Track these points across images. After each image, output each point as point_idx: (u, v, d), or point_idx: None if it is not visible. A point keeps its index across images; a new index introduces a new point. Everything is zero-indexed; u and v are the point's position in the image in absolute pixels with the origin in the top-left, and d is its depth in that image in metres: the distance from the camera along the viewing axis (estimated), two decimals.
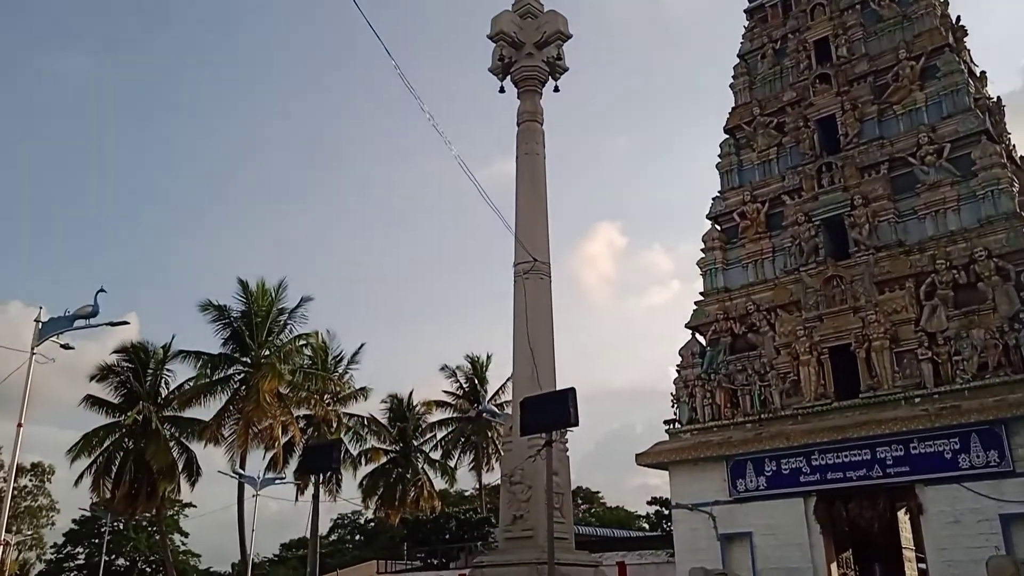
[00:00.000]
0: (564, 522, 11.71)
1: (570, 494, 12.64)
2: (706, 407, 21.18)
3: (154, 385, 41.79)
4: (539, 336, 12.00)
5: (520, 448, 11.69)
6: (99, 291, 15.87)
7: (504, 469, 12.36)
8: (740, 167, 23.57)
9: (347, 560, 50.87)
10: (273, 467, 39.74)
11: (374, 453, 46.06)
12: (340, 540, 65.79)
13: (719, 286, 22.47)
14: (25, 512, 59.23)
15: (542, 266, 12.41)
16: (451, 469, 48.45)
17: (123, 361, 41.60)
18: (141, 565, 62.84)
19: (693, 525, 20.21)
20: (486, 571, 11.78)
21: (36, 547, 63.08)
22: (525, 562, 10.96)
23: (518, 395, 11.78)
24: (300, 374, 41.65)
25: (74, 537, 63.17)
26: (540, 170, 12.90)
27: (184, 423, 41.39)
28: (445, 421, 48.94)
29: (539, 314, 12.17)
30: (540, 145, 13.00)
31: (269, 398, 38.50)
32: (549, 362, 12.15)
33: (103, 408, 40.90)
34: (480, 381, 48.66)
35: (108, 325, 16.68)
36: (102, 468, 40.08)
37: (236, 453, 39.23)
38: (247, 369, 40.37)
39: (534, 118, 13.09)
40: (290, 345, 42.10)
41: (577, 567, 11.50)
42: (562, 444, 11.77)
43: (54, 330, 15.74)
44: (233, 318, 40.71)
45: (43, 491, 61.63)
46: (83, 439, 40.14)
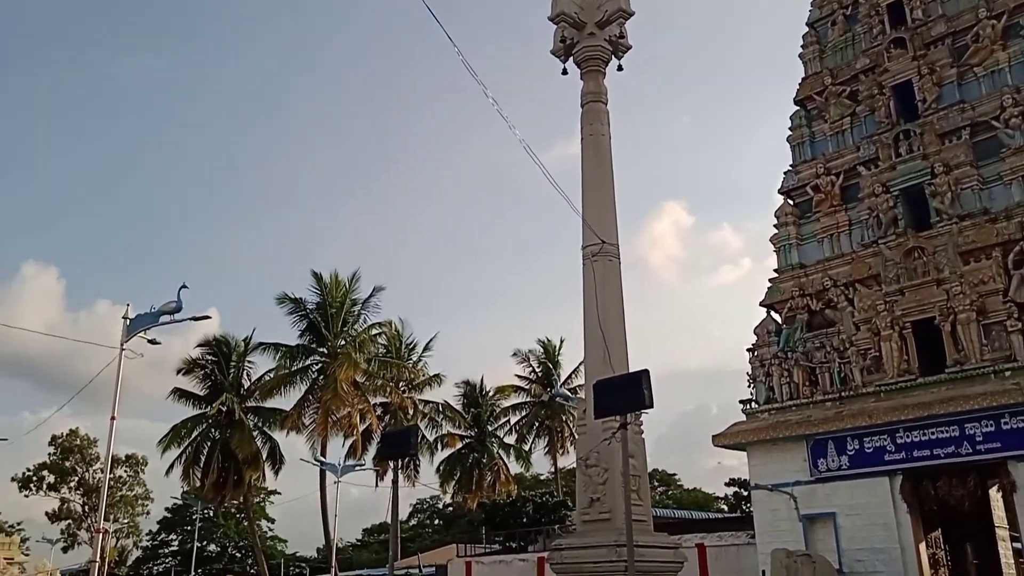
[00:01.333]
0: (642, 504, 11.68)
1: (647, 476, 12.59)
2: (784, 386, 20.72)
3: (237, 377, 43.26)
4: (610, 318, 11.95)
5: (595, 431, 11.68)
6: (182, 287, 16.47)
7: (579, 452, 12.38)
8: (812, 139, 22.89)
9: (427, 544, 51.76)
10: (352, 454, 40.70)
11: (450, 439, 46.71)
12: (420, 524, 67.01)
13: (794, 262, 21.92)
14: (121, 501, 62.02)
15: (610, 248, 12.33)
16: (526, 453, 48.81)
17: (207, 354, 43.16)
18: (231, 551, 65.24)
19: (773, 506, 19.85)
20: (565, 554, 11.83)
21: (133, 534, 66.07)
22: (604, 544, 10.98)
23: (591, 378, 11.77)
24: (375, 363, 42.45)
25: (168, 524, 65.96)
26: (606, 151, 12.80)
27: (266, 413, 42.72)
28: (518, 406, 49.25)
29: (609, 296, 12.11)
30: (605, 126, 12.89)
31: (346, 387, 39.39)
32: (621, 344, 12.09)
33: (190, 400, 42.56)
34: (553, 365, 48.77)
35: (191, 320, 17.33)
36: (191, 458, 41.73)
37: (316, 441, 40.31)
38: (324, 359, 41.36)
39: (598, 98, 12.98)
40: (364, 334, 42.95)
41: (656, 549, 11.46)
42: (637, 426, 11.72)
43: (141, 326, 16.38)
44: (309, 310, 41.74)
45: (138, 481, 64.47)
46: (172, 430, 41.85)
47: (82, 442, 62.79)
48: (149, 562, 67.09)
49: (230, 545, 65.29)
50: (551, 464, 49.70)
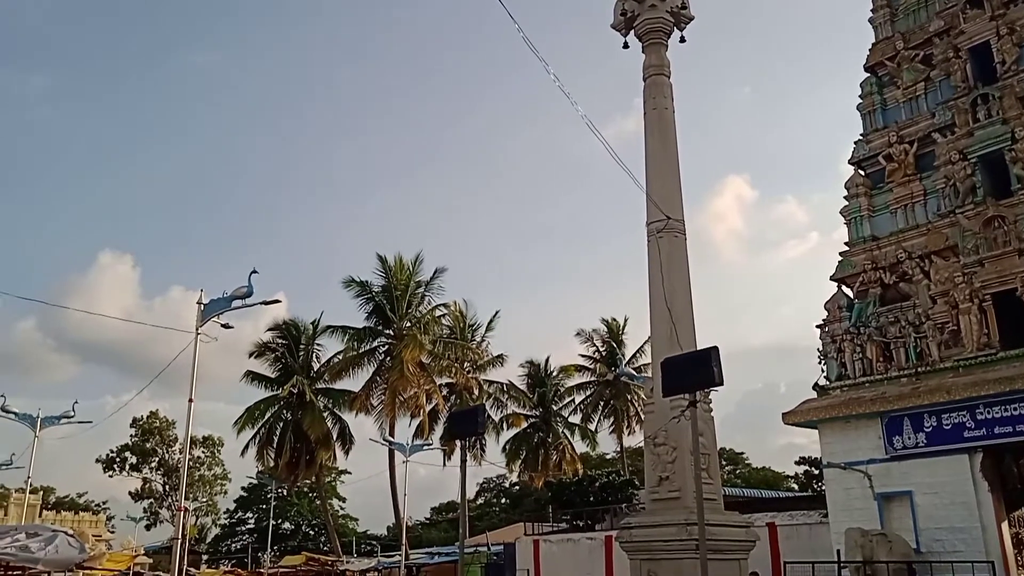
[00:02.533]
0: (712, 483, 11.55)
1: (716, 454, 12.46)
2: (856, 362, 20.20)
3: (306, 359, 44.25)
4: (676, 295, 11.80)
5: (663, 410, 11.58)
6: (252, 272, 16.78)
7: (647, 431, 12.30)
8: (884, 106, 22.11)
9: (494, 523, 52.28)
10: (420, 434, 41.24)
11: (515, 418, 47.00)
12: (487, 503, 67.72)
13: (866, 234, 21.28)
14: (200, 481, 64.35)
15: (676, 224, 12.16)
16: (591, 433, 48.83)
17: (277, 338, 44.27)
18: (305, 528, 67.04)
19: (847, 485, 19.43)
20: (634, 532, 11.80)
21: (211, 513, 68.53)
22: (674, 523, 10.91)
23: (657, 356, 11.66)
24: (440, 344, 42.90)
25: (244, 503, 68.09)
26: (669, 125, 12.59)
27: (335, 394, 43.64)
28: (583, 385, 49.25)
29: (675, 273, 11.96)
30: (668, 99, 12.67)
31: (412, 368, 39.92)
32: (688, 321, 11.94)
33: (262, 383, 43.75)
34: (617, 344, 48.57)
35: (262, 304, 17.65)
36: (264, 439, 42.94)
37: (385, 421, 40.99)
38: (390, 341, 41.97)
39: (661, 71, 12.76)
40: (429, 316, 43.43)
41: (727, 527, 11.34)
42: (706, 404, 11.58)
43: (215, 311, 16.79)
44: (374, 292, 42.36)
45: (216, 461, 66.74)
46: (246, 412, 43.10)
47: (161, 424, 65.25)
48: (227, 539, 69.43)
49: (303, 523, 67.08)
50: (617, 443, 49.72)
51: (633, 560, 11.82)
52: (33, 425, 27.72)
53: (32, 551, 12.42)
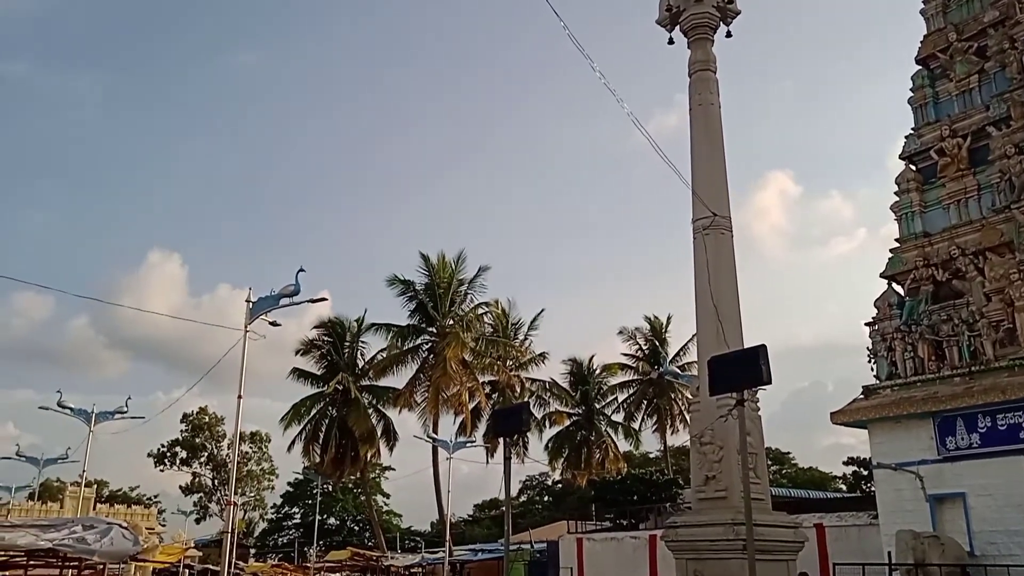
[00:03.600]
0: (759, 482, 11.43)
1: (764, 454, 12.32)
2: (907, 361, 19.79)
3: (351, 357, 44.82)
4: (723, 293, 11.68)
5: (709, 408, 11.48)
6: (299, 271, 17.05)
7: (693, 430, 12.21)
8: (936, 100, 21.61)
9: (537, 520, 52.31)
10: (463, 431, 41.44)
11: (558, 416, 46.97)
12: (530, 501, 67.77)
13: (917, 231, 20.82)
14: (248, 476, 65.45)
15: (722, 221, 12.03)
16: (635, 431, 48.59)
17: (323, 335, 44.88)
18: (350, 524, 67.82)
19: (897, 486, 19.05)
20: (680, 532, 11.72)
21: (259, 507, 69.69)
22: (721, 523, 10.81)
23: (703, 354, 11.56)
24: (483, 341, 43.07)
25: (290, 498, 69.12)
26: (716, 121, 12.46)
27: (379, 391, 44.10)
28: (626, 384, 49.01)
29: (722, 270, 11.84)
30: (715, 95, 12.54)
31: (455, 365, 40.15)
32: (735, 319, 11.81)
33: (308, 379, 44.39)
34: (660, 342, 48.22)
35: (309, 302, 17.91)
36: (310, 435, 43.57)
37: (428, 418, 41.32)
38: (433, 339, 42.25)
39: (707, 67, 12.63)
40: (472, 314, 43.61)
41: (776, 528, 11.21)
42: (753, 403, 11.45)
43: (263, 309, 17.09)
44: (417, 291, 42.67)
45: (264, 456, 67.86)
46: (292, 408, 43.78)
47: (210, 420, 66.51)
48: (274, 533, 70.53)
49: (348, 519, 67.84)
50: (660, 442, 49.33)
51: (679, 560, 11.75)
52: (88, 420, 28.48)
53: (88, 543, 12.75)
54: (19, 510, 46.29)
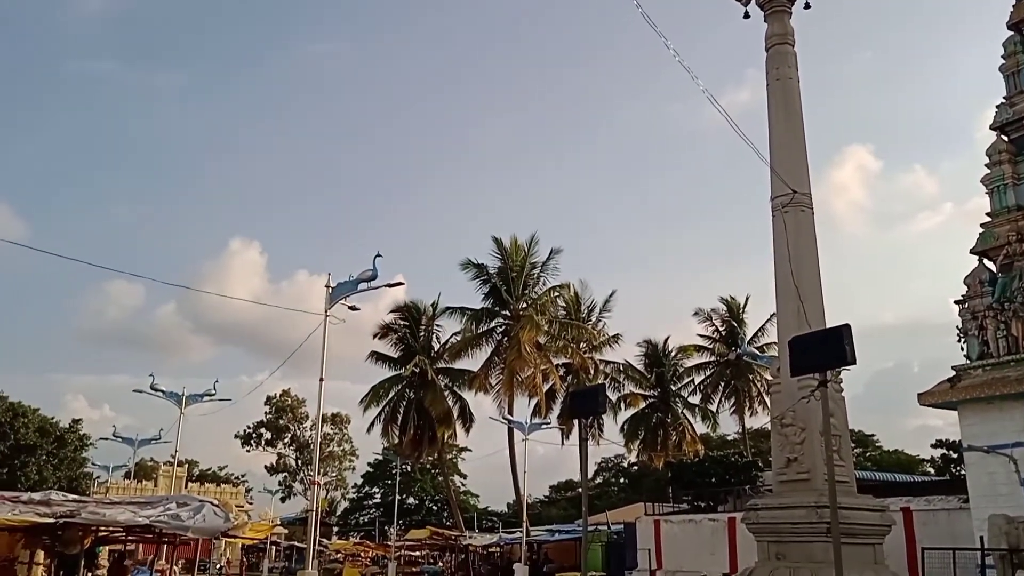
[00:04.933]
0: (843, 464, 11.21)
1: (847, 435, 12.05)
2: (1000, 340, 18.98)
3: (427, 340, 45.45)
4: (804, 271, 11.42)
5: (790, 389, 11.29)
6: (376, 256, 17.39)
7: (774, 412, 12.02)
8: None
9: (613, 502, 52.30)
10: (537, 413, 41.62)
11: (633, 398, 46.73)
12: (605, 483, 67.79)
13: (1009, 204, 19.88)
14: (330, 456, 67.29)
15: (803, 198, 11.74)
16: (712, 413, 47.99)
17: (399, 319, 45.61)
18: (428, 503, 69.09)
19: (990, 469, 18.36)
20: (762, 514, 11.59)
21: (340, 487, 71.65)
22: (803, 505, 10.65)
23: (784, 335, 11.35)
24: (556, 324, 43.09)
25: (370, 478, 70.82)
26: (794, 96, 12.12)
27: (455, 374, 44.64)
28: (702, 365, 48.39)
29: (802, 248, 11.57)
30: (793, 68, 12.20)
31: (529, 348, 40.29)
32: (817, 298, 11.54)
33: (385, 362, 45.21)
34: (737, 323, 47.39)
35: (386, 287, 18.28)
36: (389, 416, 44.45)
37: (503, 400, 41.59)
38: (507, 321, 42.48)
39: (784, 40, 12.29)
40: (545, 297, 43.63)
41: (861, 511, 10.98)
42: (837, 384, 11.21)
43: (342, 294, 17.50)
44: (491, 274, 42.91)
45: (344, 438, 69.65)
46: (371, 391, 44.71)
47: (293, 402, 68.55)
48: (355, 512, 72.40)
49: (427, 498, 69.10)
50: (738, 424, 48.62)
51: (760, 542, 11.62)
52: (179, 402, 29.74)
53: (183, 519, 13.31)
54: (116, 488, 48.82)
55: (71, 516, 12.18)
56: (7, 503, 12.23)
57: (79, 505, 12.93)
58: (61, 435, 50.53)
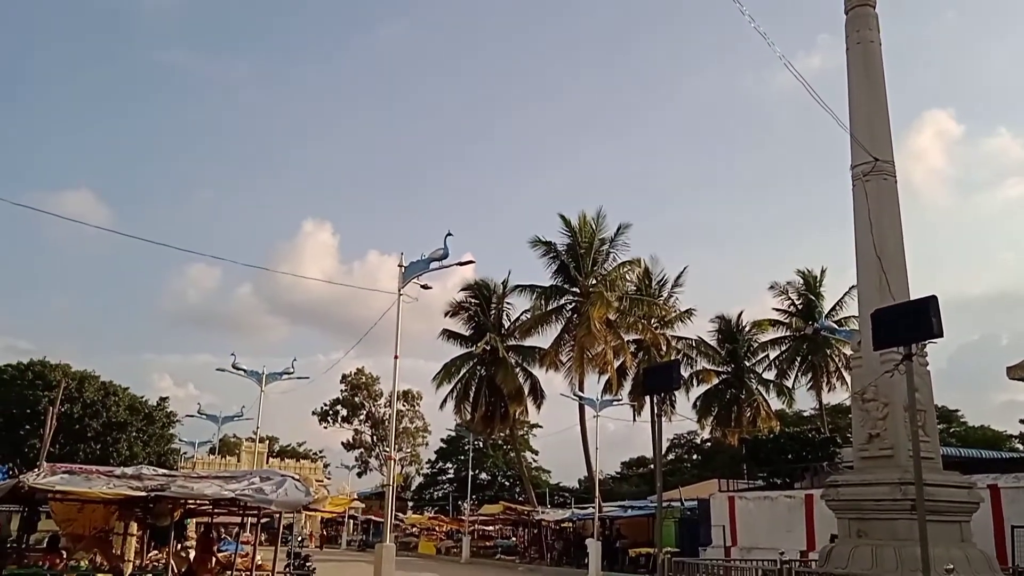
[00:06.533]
0: (928, 440, 10.89)
1: (933, 411, 11.69)
2: None
3: (497, 317, 45.79)
4: (887, 242, 11.05)
5: (871, 364, 10.99)
6: (447, 235, 17.51)
7: (855, 387, 11.73)
8: None
9: (686, 478, 51.88)
10: (608, 390, 41.52)
11: (705, 375, 46.16)
12: (678, 459, 67.29)
13: None
14: (404, 433, 68.54)
15: (885, 165, 11.34)
16: (788, 389, 47.04)
17: (470, 297, 46.02)
18: (500, 479, 69.80)
19: None
20: (842, 491, 11.36)
21: (415, 463, 72.98)
22: (887, 482, 10.40)
23: (866, 307, 11.03)
24: (626, 300, 42.77)
25: (443, 454, 71.91)
26: (876, 59, 11.68)
27: (525, 351, 44.87)
28: (777, 340, 47.39)
29: (885, 218, 11.19)
30: (875, 31, 11.75)
31: (599, 325, 40.16)
32: (901, 270, 11.17)
33: (457, 340, 45.76)
34: (815, 297, 46.20)
35: (457, 265, 18.40)
36: (461, 393, 45.01)
37: (574, 377, 41.67)
38: (577, 298, 42.41)
39: (866, 2, 11.83)
40: (615, 273, 43.36)
41: (947, 488, 10.66)
42: (922, 358, 10.85)
43: (414, 273, 17.70)
44: (559, 251, 42.82)
45: (417, 414, 70.82)
46: (444, 368, 45.33)
47: (367, 379, 69.93)
48: (429, 488, 73.67)
49: (499, 474, 69.81)
50: (815, 400, 47.57)
51: (841, 519, 11.40)
52: (259, 381, 30.67)
53: (266, 493, 13.66)
54: (202, 463, 50.85)
55: (161, 490, 12.66)
56: (102, 477, 12.76)
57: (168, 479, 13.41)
58: (150, 413, 52.67)
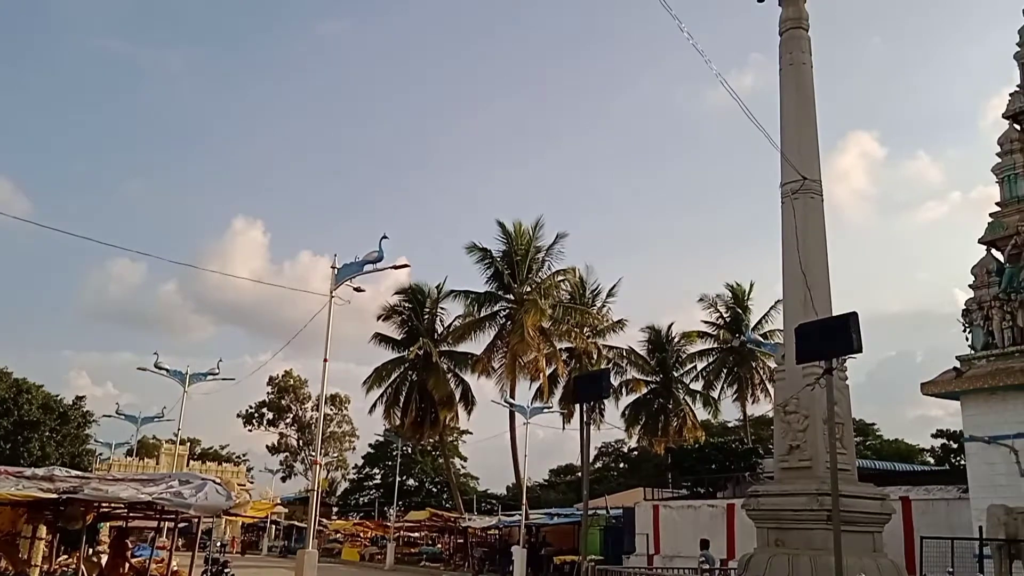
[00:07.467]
0: (845, 453, 11.20)
1: (851, 424, 12.04)
2: (1006, 330, 18.96)
3: (431, 322, 45.50)
4: (812, 259, 11.36)
5: (794, 377, 11.26)
6: (383, 237, 17.35)
7: (777, 399, 12.00)
8: None
9: (612, 487, 52.40)
10: (539, 397, 41.64)
11: (635, 384, 46.72)
12: (605, 467, 67.95)
13: (1020, 193, 19.80)
14: (331, 437, 67.51)
15: (812, 184, 11.66)
16: (714, 400, 47.97)
17: (404, 301, 45.64)
18: (428, 485, 69.33)
19: (990, 459, 18.40)
20: (762, 501, 11.59)
21: (341, 468, 71.90)
22: (805, 492, 10.65)
23: (790, 322, 11.30)
24: (560, 308, 43.00)
25: (371, 459, 71.06)
26: (808, 81, 12.02)
27: (458, 357, 44.69)
28: (705, 352, 48.32)
29: (811, 235, 11.50)
30: (806, 54, 12.09)
31: (532, 332, 40.27)
32: (824, 286, 11.50)
33: (389, 344, 45.29)
34: (742, 310, 47.28)
35: (392, 268, 18.25)
36: (391, 398, 44.58)
37: (505, 384, 41.65)
38: (511, 305, 42.44)
39: (799, 25, 12.17)
40: (549, 281, 43.55)
41: (862, 499, 10.98)
42: (841, 372, 11.17)
43: (347, 275, 17.47)
44: (495, 258, 42.81)
45: (345, 419, 69.84)
46: (375, 372, 44.83)
47: (295, 382, 68.72)
48: (355, 493, 72.70)
49: (427, 480, 69.34)
50: (740, 411, 48.64)
51: (760, 529, 11.63)
52: (183, 381, 29.83)
53: (185, 497, 13.27)
54: (119, 465, 49.12)
55: (74, 492, 12.16)
56: (11, 478, 12.21)
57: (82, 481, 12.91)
58: (64, 412, 50.75)
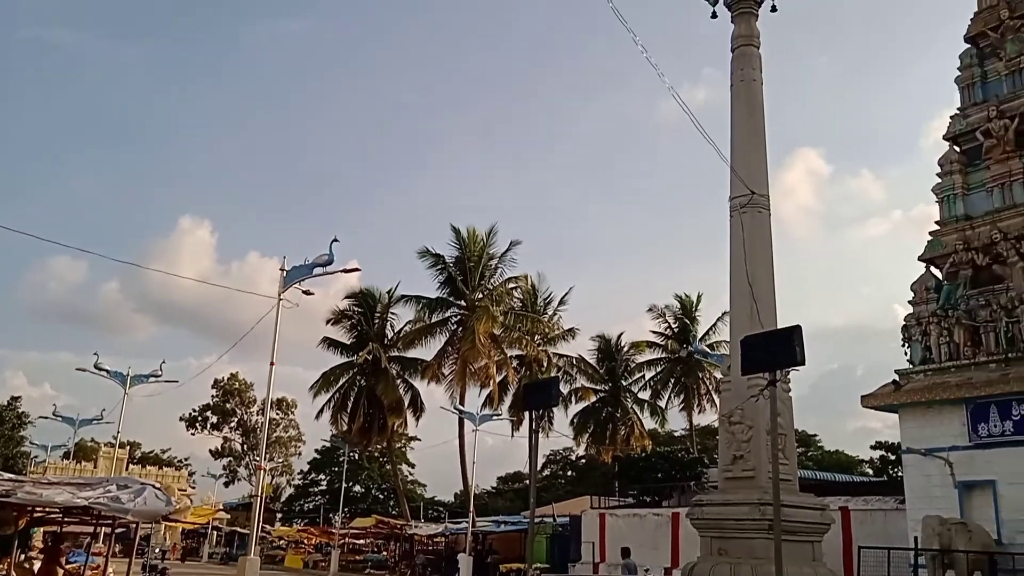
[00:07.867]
0: (787, 463, 11.40)
1: (793, 435, 12.26)
2: (943, 346, 19.50)
3: (381, 327, 45.11)
4: (759, 273, 11.56)
5: (739, 388, 11.43)
6: (333, 240, 17.17)
7: (723, 409, 12.17)
8: (984, 80, 21.05)
9: (560, 495, 52.56)
10: (489, 404, 41.56)
11: (584, 392, 46.91)
12: (553, 475, 68.09)
13: (959, 213, 20.41)
14: (276, 442, 66.49)
15: (760, 199, 11.87)
16: (661, 409, 48.41)
17: (354, 306, 45.18)
18: (375, 492, 68.72)
19: (926, 471, 18.89)
20: (706, 510, 11.73)
21: (286, 473, 70.87)
22: (748, 502, 10.80)
23: (736, 334, 11.49)
24: (511, 316, 42.97)
25: (317, 465, 70.16)
26: (758, 98, 12.25)
27: (408, 362, 44.37)
28: (653, 361, 48.78)
29: (758, 249, 11.71)
30: (757, 71, 12.32)
31: (483, 339, 40.17)
32: (770, 300, 11.71)
33: (338, 349, 44.76)
34: (690, 321, 47.85)
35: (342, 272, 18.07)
36: (339, 403, 44.04)
37: (455, 390, 41.46)
38: (463, 312, 42.29)
39: (750, 42, 12.41)
40: (501, 288, 43.52)
41: (803, 509, 11.18)
42: (785, 384, 11.38)
43: (296, 278, 17.24)
44: (448, 263, 42.64)
45: (291, 423, 68.85)
46: (322, 377, 44.25)
47: (241, 386, 67.56)
48: (300, 499, 71.70)
49: (374, 487, 68.71)
50: (686, 421, 49.20)
51: (704, 537, 11.77)
52: (123, 383, 29.06)
53: (123, 502, 12.91)
54: (55, 468, 47.62)
55: (6, 496, 11.75)
56: None
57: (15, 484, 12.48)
58: None
